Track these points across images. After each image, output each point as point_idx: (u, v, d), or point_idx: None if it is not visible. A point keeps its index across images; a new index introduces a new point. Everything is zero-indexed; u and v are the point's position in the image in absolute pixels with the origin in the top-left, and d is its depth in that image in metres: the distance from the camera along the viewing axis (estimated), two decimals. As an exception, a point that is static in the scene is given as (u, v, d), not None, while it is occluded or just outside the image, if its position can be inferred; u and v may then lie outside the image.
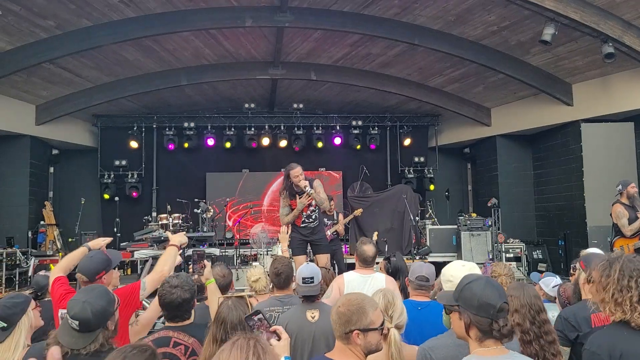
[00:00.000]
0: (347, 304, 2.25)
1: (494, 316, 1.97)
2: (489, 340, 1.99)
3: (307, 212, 6.43)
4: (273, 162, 13.74)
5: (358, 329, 2.19)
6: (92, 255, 3.35)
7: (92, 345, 2.29)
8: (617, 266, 2.33)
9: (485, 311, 1.97)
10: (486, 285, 2.05)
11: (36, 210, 11.73)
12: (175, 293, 2.79)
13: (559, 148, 11.37)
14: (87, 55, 9.58)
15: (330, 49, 10.34)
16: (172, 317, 2.85)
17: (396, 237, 10.93)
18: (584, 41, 8.74)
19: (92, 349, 2.28)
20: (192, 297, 2.85)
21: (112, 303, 2.42)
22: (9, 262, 9.71)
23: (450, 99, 12.41)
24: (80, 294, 2.41)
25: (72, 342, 2.29)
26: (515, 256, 10.60)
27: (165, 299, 2.80)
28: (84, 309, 2.29)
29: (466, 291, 2.04)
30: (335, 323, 2.24)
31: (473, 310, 1.99)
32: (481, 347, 1.99)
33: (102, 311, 2.33)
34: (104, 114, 12.78)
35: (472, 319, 1.99)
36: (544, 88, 10.48)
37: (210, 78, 11.16)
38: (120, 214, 11.26)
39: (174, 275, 2.97)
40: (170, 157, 13.36)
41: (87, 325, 2.28)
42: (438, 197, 13.61)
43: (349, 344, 2.22)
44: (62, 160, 13.14)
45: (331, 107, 13.60)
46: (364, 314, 2.22)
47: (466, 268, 2.73)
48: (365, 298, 2.31)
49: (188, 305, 2.84)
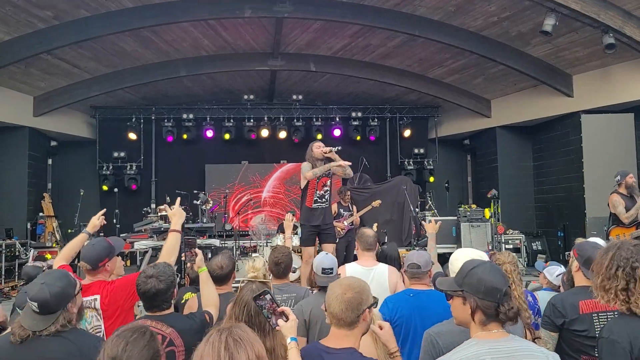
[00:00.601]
0: (351, 289, 2.25)
1: (500, 300, 1.98)
2: (492, 323, 2.00)
3: (321, 192, 6.42)
4: (272, 154, 13.72)
5: (368, 307, 2.23)
6: (94, 243, 3.33)
7: (52, 326, 2.32)
8: (611, 254, 2.37)
9: (492, 295, 1.98)
10: (491, 270, 2.06)
11: (35, 202, 11.71)
12: (150, 283, 2.73)
13: (559, 139, 11.36)
14: (85, 46, 9.52)
15: (329, 40, 10.29)
16: (149, 307, 2.80)
17: (396, 228, 10.95)
18: (585, 32, 8.71)
19: (52, 330, 2.32)
20: (168, 287, 2.76)
21: (72, 286, 2.44)
22: (9, 254, 9.72)
23: (450, 91, 12.38)
24: (40, 277, 2.45)
25: (33, 324, 2.32)
26: (514, 247, 10.62)
27: (140, 288, 2.76)
28: (42, 290, 2.32)
29: (472, 276, 2.04)
30: (347, 310, 2.21)
31: (480, 295, 1.99)
32: (483, 331, 2.00)
33: (61, 292, 2.36)
34: (102, 106, 12.73)
35: (479, 303, 1.99)
36: (544, 79, 10.45)
37: (209, 69, 11.11)
38: (119, 206, 11.24)
39: (152, 265, 2.92)
40: (169, 149, 13.32)
41: (46, 307, 2.32)
42: (438, 188, 13.61)
43: (356, 327, 2.23)
44: (61, 152, 13.11)
45: (331, 99, 13.56)
46: (368, 291, 2.28)
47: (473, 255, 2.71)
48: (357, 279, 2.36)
49: (164, 295, 2.76)
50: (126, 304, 3.09)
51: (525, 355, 1.93)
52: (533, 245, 11.64)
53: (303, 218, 6.55)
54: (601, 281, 2.37)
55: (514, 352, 1.93)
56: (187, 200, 10.62)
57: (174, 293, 2.86)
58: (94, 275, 3.20)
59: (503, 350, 1.92)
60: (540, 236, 11.94)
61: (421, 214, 11.41)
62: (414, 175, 13.48)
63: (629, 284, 2.29)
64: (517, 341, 2.01)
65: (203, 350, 1.74)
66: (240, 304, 2.66)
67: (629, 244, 2.42)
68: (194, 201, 9.66)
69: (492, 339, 1.97)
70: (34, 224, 11.37)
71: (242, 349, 1.75)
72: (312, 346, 2.38)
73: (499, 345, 1.95)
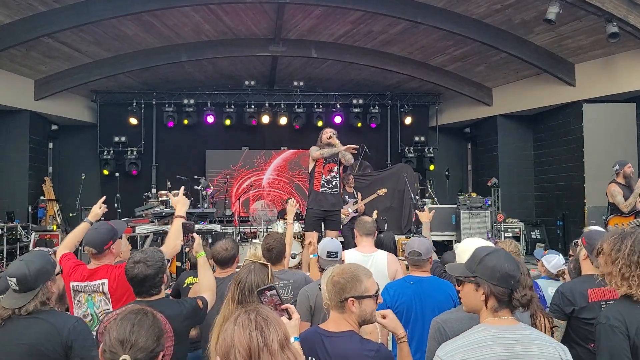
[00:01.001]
0: (341, 273, 2.29)
1: (514, 286, 2.01)
2: (504, 310, 2.03)
3: (327, 177, 6.47)
4: (273, 140, 13.72)
5: (353, 297, 2.23)
6: (96, 227, 3.34)
7: (30, 303, 2.34)
8: (629, 241, 2.37)
9: (506, 282, 2.01)
10: (505, 257, 2.08)
11: (36, 186, 11.74)
12: (138, 268, 2.72)
13: (560, 128, 11.35)
14: (86, 30, 9.47)
15: (331, 26, 10.23)
16: (138, 293, 2.80)
17: (396, 215, 10.98)
18: (588, 20, 8.65)
19: (30, 307, 2.33)
20: (156, 273, 2.74)
21: (51, 264, 2.47)
22: (10, 237, 9.76)
23: (452, 78, 12.34)
24: (21, 256, 2.49)
25: (13, 302, 2.34)
26: (514, 236, 10.66)
27: (128, 274, 2.76)
28: (21, 266, 2.35)
29: (486, 263, 2.06)
30: (330, 292, 2.27)
31: (494, 282, 2.01)
32: (493, 317, 2.02)
33: (40, 269, 2.39)
34: (103, 90, 12.71)
35: (493, 290, 2.01)
36: (546, 68, 10.42)
37: (210, 54, 11.06)
38: (120, 190, 11.26)
39: (141, 250, 2.92)
40: (169, 134, 13.32)
41: (25, 283, 2.34)
42: (438, 176, 13.63)
43: (345, 312, 2.26)
44: (62, 136, 13.12)
45: (332, 86, 13.52)
46: (358, 282, 2.26)
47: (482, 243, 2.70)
48: (359, 267, 2.36)
49: (152, 281, 2.75)
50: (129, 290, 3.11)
51: (532, 343, 1.95)
52: (532, 234, 11.69)
53: (311, 201, 6.61)
54: (620, 269, 2.35)
55: (521, 339, 1.95)
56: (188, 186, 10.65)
57: (164, 279, 2.82)
58: (100, 259, 3.21)
59: (511, 337, 1.94)
60: (540, 225, 11.98)
61: (421, 202, 11.43)
62: (414, 163, 13.49)
63: None
64: (526, 329, 2.04)
65: (233, 332, 1.76)
66: (235, 281, 2.69)
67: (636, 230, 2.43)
68: (195, 186, 9.69)
69: (501, 325, 1.99)
70: (35, 208, 11.41)
71: (272, 327, 1.77)
72: (312, 330, 2.41)
73: (507, 331, 1.97)
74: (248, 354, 1.71)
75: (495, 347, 1.91)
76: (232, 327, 1.78)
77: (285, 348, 1.78)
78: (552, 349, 1.95)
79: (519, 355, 1.90)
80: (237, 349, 1.72)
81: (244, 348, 1.72)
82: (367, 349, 2.18)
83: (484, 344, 1.92)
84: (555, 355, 1.94)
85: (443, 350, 1.97)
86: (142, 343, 1.86)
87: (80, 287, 3.11)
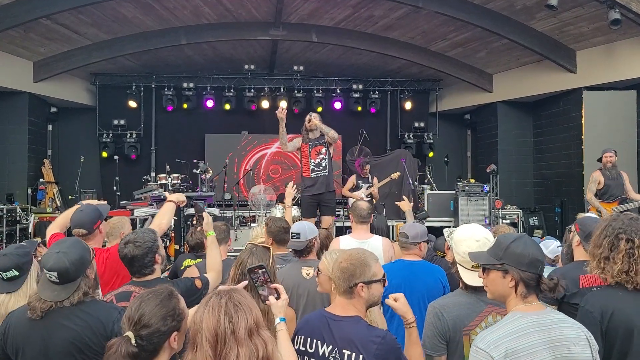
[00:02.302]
0: (349, 259, 2.27)
1: (541, 271, 2.05)
2: (532, 295, 2.06)
3: (317, 160, 6.49)
4: (272, 124, 13.57)
5: (362, 282, 2.22)
6: (82, 208, 3.37)
7: (75, 294, 2.27)
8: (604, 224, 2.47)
9: (534, 267, 2.04)
10: (531, 243, 2.12)
11: (35, 168, 11.74)
12: (127, 248, 2.76)
13: (560, 116, 11.33)
14: (85, 12, 9.41)
15: (332, 10, 10.16)
16: (132, 272, 2.85)
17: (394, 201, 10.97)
18: (591, 7, 8.60)
19: (75, 298, 2.26)
20: (145, 253, 2.77)
21: (87, 251, 2.41)
22: (10, 219, 9.79)
23: (452, 64, 12.29)
24: (53, 247, 2.37)
25: (54, 295, 2.25)
26: (511, 222, 10.69)
27: (120, 254, 2.80)
28: (59, 259, 2.25)
29: (513, 250, 2.07)
30: (339, 279, 2.25)
31: (523, 267, 2.03)
32: (524, 304, 2.04)
33: (79, 259, 2.31)
34: (103, 73, 12.65)
35: (522, 275, 2.03)
36: (547, 54, 10.37)
37: (210, 38, 10.99)
38: (119, 173, 11.27)
39: (134, 230, 2.96)
40: (169, 118, 13.29)
41: (67, 276, 2.25)
42: (437, 162, 13.64)
43: (353, 298, 2.24)
44: (61, 118, 13.07)
45: (332, 70, 13.46)
46: (367, 267, 2.25)
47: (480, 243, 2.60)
48: (365, 252, 2.34)
49: (142, 261, 2.78)
50: (123, 269, 3.08)
51: (564, 326, 2.00)
52: (530, 221, 11.72)
53: (304, 188, 6.65)
54: (591, 248, 2.47)
55: (554, 323, 1.99)
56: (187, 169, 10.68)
57: (156, 259, 2.84)
58: (90, 240, 3.21)
59: (545, 323, 1.98)
60: (538, 212, 12.01)
61: (420, 188, 11.45)
62: (413, 148, 13.48)
63: (612, 252, 2.37)
64: (555, 313, 2.09)
65: (202, 314, 1.77)
66: (237, 262, 2.74)
67: (627, 216, 2.47)
68: (194, 170, 9.70)
69: (534, 312, 2.02)
70: (35, 190, 11.43)
71: (241, 313, 1.78)
72: (318, 313, 2.39)
73: (541, 317, 2.01)
74: (214, 339, 1.73)
75: (534, 334, 1.94)
76: (202, 310, 1.79)
77: (254, 335, 1.78)
78: (579, 331, 2.01)
79: (555, 339, 1.94)
80: (204, 333, 1.74)
81: (210, 333, 1.74)
82: (374, 335, 2.18)
83: (524, 331, 1.95)
84: (582, 336, 2.00)
85: (484, 341, 1.96)
86: (145, 320, 1.86)
87: None
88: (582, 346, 1.96)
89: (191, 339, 1.79)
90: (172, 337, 1.91)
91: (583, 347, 1.97)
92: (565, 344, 1.95)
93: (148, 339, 1.85)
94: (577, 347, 1.95)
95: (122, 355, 1.79)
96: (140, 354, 1.83)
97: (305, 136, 6.73)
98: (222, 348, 1.73)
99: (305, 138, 6.74)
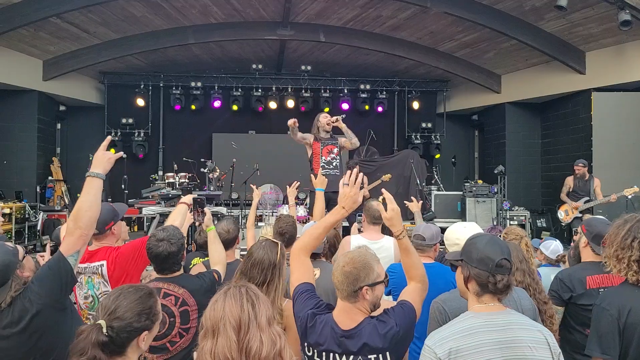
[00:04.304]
0: (352, 263, 2.23)
1: (492, 270, 2.01)
2: (486, 295, 2.04)
3: (327, 158, 6.45)
4: (280, 124, 13.64)
5: (367, 285, 2.19)
6: None
7: (7, 296, 2.25)
8: (629, 225, 2.42)
9: (484, 264, 2.02)
10: (489, 241, 2.10)
11: (44, 166, 11.81)
12: (162, 246, 2.81)
13: (569, 117, 11.27)
14: (94, 11, 9.46)
15: (340, 10, 10.16)
16: (161, 270, 2.89)
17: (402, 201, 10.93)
18: (600, 8, 8.55)
19: (7, 299, 2.25)
20: (179, 250, 2.86)
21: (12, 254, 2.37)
22: (18, 216, 9.85)
23: (460, 65, 12.25)
24: None
25: None
26: (519, 224, 10.65)
27: (152, 251, 2.84)
28: None
29: (469, 246, 2.11)
30: (342, 283, 2.21)
31: (473, 264, 2.05)
32: (479, 304, 2.05)
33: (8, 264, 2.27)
34: (111, 72, 12.72)
35: (471, 272, 2.05)
36: (556, 55, 10.31)
37: (218, 37, 11.02)
38: (127, 172, 11.31)
39: (161, 228, 2.99)
40: (176, 117, 13.34)
41: None
42: (444, 163, 13.60)
43: (357, 301, 2.21)
44: (69, 117, 13.15)
45: (339, 70, 13.46)
46: (370, 270, 2.22)
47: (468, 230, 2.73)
48: (366, 253, 2.30)
49: (175, 257, 2.85)
50: (132, 268, 3.12)
51: (521, 328, 1.97)
52: (538, 222, 11.66)
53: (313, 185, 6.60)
54: (615, 250, 2.41)
55: (509, 324, 1.97)
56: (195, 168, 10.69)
57: (184, 255, 2.94)
58: (101, 240, 3.23)
59: (499, 323, 1.97)
60: (545, 213, 11.95)
61: (427, 188, 11.43)
62: (420, 149, 13.46)
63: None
64: (513, 315, 2.06)
65: (224, 302, 1.81)
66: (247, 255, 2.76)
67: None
68: (201, 169, 9.71)
69: (487, 312, 2.01)
70: (43, 188, 11.50)
71: (262, 302, 1.84)
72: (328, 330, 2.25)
73: (494, 317, 1.99)
74: (238, 325, 1.77)
75: (484, 334, 1.93)
76: (222, 299, 1.82)
77: (272, 325, 1.83)
78: (538, 334, 1.98)
79: (508, 340, 1.92)
80: (227, 319, 1.77)
81: (234, 319, 1.77)
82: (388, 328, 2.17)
83: (472, 331, 1.94)
84: (542, 339, 1.97)
85: (432, 339, 1.98)
86: (120, 312, 1.86)
87: (80, 268, 3.12)
88: (539, 349, 1.93)
89: (211, 327, 1.80)
90: (142, 335, 1.91)
91: (540, 350, 1.93)
92: (518, 345, 1.92)
93: (118, 331, 1.84)
94: (532, 349, 1.92)
95: (91, 342, 1.78)
96: (108, 345, 1.82)
97: (317, 134, 6.68)
98: (245, 334, 1.77)
99: (317, 136, 6.70)
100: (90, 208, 2.48)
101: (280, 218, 4.01)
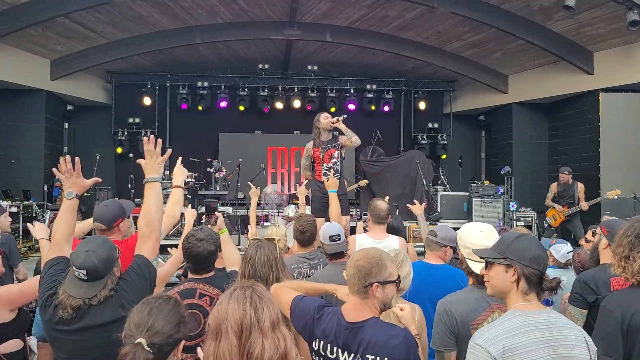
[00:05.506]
0: (366, 258, 2.23)
1: (544, 269, 2.05)
2: (532, 293, 2.06)
3: (328, 164, 6.38)
4: (286, 124, 13.69)
5: (378, 282, 2.18)
6: (107, 204, 3.39)
7: (102, 292, 2.27)
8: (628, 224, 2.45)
9: (537, 263, 2.04)
10: (535, 241, 2.13)
11: (51, 165, 11.68)
12: (202, 246, 2.85)
13: (576, 117, 11.21)
14: (101, 11, 9.50)
15: (346, 10, 10.15)
16: (197, 270, 2.91)
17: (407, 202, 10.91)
18: (609, 8, 8.50)
19: (102, 296, 2.27)
20: (217, 249, 2.92)
21: (114, 249, 2.40)
22: (26, 215, 9.90)
23: (467, 65, 12.21)
24: (81, 245, 2.35)
25: (82, 292, 2.25)
26: (526, 225, 10.60)
27: (192, 252, 2.85)
28: (89, 257, 2.24)
29: (518, 244, 2.09)
30: (354, 277, 2.21)
31: (526, 262, 2.04)
32: (524, 302, 2.04)
33: (107, 257, 2.30)
34: (118, 71, 12.77)
35: (525, 271, 2.04)
36: (564, 55, 10.26)
37: (225, 37, 11.04)
38: (134, 171, 11.35)
39: (198, 228, 3.00)
40: (183, 116, 13.36)
41: (95, 273, 2.25)
42: (451, 164, 13.56)
43: (367, 298, 2.21)
44: (77, 116, 13.20)
45: (346, 70, 13.45)
46: (383, 267, 2.21)
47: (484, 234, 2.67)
48: (383, 252, 2.31)
49: (213, 257, 2.90)
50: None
51: (563, 327, 1.99)
52: (544, 223, 11.59)
53: (314, 189, 6.54)
54: (613, 248, 2.47)
55: (553, 323, 1.98)
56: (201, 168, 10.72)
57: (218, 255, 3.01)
58: (108, 236, 3.19)
59: (544, 322, 1.98)
60: (552, 214, 11.88)
61: (433, 189, 11.40)
62: (427, 149, 13.43)
63: (632, 251, 2.37)
64: (554, 314, 2.08)
65: (228, 304, 1.79)
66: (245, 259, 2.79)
67: None
68: (207, 169, 9.73)
69: (533, 310, 2.02)
70: (51, 187, 11.54)
71: (266, 306, 1.81)
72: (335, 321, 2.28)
73: (539, 316, 2.00)
74: (240, 329, 1.75)
75: (533, 333, 1.94)
76: (226, 301, 1.81)
77: (276, 329, 1.80)
78: (578, 332, 2.00)
79: (554, 339, 1.94)
80: (229, 322, 1.76)
81: (236, 322, 1.75)
82: (394, 334, 2.15)
83: (522, 329, 1.94)
84: (581, 338, 1.99)
85: (482, 337, 1.95)
86: (159, 327, 1.81)
87: None
88: (580, 347, 1.95)
89: (214, 329, 1.79)
90: (180, 345, 1.90)
91: (581, 348, 1.95)
92: (563, 344, 1.94)
93: (161, 346, 1.79)
94: (575, 347, 1.94)
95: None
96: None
97: (317, 139, 6.44)
98: (247, 338, 1.75)
99: (317, 141, 6.45)
100: (157, 211, 2.66)
101: (302, 217, 4.07)
